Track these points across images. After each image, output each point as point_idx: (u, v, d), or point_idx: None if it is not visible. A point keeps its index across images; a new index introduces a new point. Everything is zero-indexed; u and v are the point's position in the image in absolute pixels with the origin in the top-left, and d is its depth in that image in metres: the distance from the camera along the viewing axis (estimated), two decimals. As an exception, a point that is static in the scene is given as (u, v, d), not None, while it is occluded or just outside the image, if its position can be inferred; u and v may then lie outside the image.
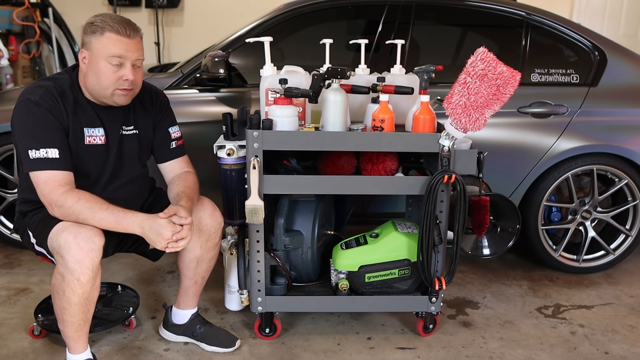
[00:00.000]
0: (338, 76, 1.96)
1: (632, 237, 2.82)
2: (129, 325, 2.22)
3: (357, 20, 2.99)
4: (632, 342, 2.25)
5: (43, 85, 1.75)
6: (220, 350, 2.09)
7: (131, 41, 1.73)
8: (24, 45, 5.02)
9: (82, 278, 1.65)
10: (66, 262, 1.64)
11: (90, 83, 1.76)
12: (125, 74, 1.73)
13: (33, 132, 1.69)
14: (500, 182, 2.63)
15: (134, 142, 1.93)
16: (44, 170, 1.68)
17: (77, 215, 1.67)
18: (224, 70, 2.50)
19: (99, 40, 1.71)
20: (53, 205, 1.69)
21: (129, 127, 1.91)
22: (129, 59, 1.74)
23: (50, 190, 1.68)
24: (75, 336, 1.78)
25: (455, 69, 1.91)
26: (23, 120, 1.71)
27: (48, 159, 1.68)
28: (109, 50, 1.71)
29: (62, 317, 1.74)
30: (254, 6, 4.64)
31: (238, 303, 2.27)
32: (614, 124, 2.71)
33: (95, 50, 1.72)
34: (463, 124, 1.84)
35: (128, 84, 1.75)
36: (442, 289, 2.08)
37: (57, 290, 1.69)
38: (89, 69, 1.75)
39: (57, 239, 1.66)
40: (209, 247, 1.98)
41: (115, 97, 1.77)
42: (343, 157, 2.11)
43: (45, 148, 1.68)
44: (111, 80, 1.73)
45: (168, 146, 2.01)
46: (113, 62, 1.72)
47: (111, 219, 1.68)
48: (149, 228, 1.68)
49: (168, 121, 2.02)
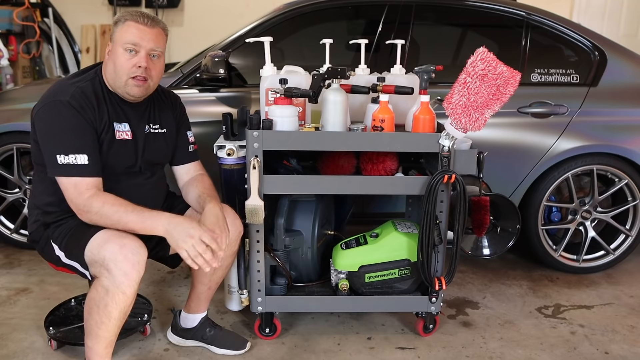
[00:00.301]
0: (338, 76, 1.96)
1: (632, 237, 2.82)
2: (143, 332, 2.19)
3: (357, 20, 2.99)
4: (632, 342, 2.25)
5: (72, 84, 1.73)
6: (231, 352, 2.07)
7: (149, 30, 1.73)
8: (24, 45, 5.03)
9: (127, 291, 1.62)
10: (113, 275, 1.59)
11: (109, 72, 1.77)
12: (138, 61, 1.73)
13: (62, 136, 1.66)
14: (500, 182, 2.63)
15: (161, 141, 1.92)
16: (72, 177, 1.66)
17: (104, 219, 1.65)
18: (224, 70, 2.50)
19: (120, 29, 1.74)
20: (81, 211, 1.67)
21: (156, 126, 1.90)
22: (144, 48, 1.73)
23: (77, 196, 1.66)
24: (104, 353, 1.71)
25: (455, 69, 1.91)
26: (52, 123, 1.67)
27: (77, 165, 1.65)
28: (126, 37, 1.72)
29: (97, 332, 1.67)
30: (254, 6, 4.64)
31: (238, 303, 2.27)
32: (614, 124, 2.71)
33: (115, 39, 1.74)
34: (463, 124, 1.84)
35: (141, 72, 1.73)
36: (442, 289, 2.08)
37: (97, 304, 1.63)
38: (110, 58, 1.76)
39: (100, 251, 1.62)
40: (227, 254, 1.95)
41: (128, 87, 1.75)
42: (343, 157, 2.11)
43: (75, 154, 1.65)
44: (125, 68, 1.73)
45: (186, 149, 2.01)
46: (128, 48, 1.72)
47: (137, 220, 1.64)
48: (174, 227, 1.62)
49: (187, 125, 2.03)
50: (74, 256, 1.73)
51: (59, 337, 2.06)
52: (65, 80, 1.78)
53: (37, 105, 1.73)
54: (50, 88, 1.75)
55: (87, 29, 5.39)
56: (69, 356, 2.04)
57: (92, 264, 1.66)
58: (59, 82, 1.78)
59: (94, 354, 1.71)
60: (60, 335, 2.06)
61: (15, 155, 2.81)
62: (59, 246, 1.77)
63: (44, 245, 1.83)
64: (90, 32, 5.39)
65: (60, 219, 1.79)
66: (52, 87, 1.76)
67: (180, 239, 1.61)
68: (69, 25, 5.31)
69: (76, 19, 5.35)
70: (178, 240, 1.61)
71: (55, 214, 1.79)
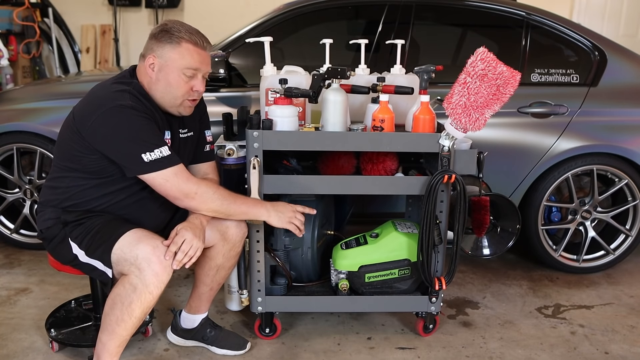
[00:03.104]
0: (338, 76, 1.96)
1: (632, 237, 2.82)
2: (145, 333, 2.19)
3: (357, 20, 2.99)
4: (632, 342, 2.25)
5: (124, 90, 1.71)
6: (231, 353, 2.08)
7: (206, 54, 1.75)
8: (24, 45, 5.03)
9: (155, 292, 1.64)
10: (144, 274, 1.61)
11: (160, 91, 1.75)
12: (196, 84, 1.75)
13: (140, 136, 1.67)
14: (500, 182, 2.63)
15: (190, 144, 1.94)
16: (167, 169, 1.69)
17: (221, 201, 1.79)
18: (224, 70, 2.50)
19: (175, 50, 1.71)
20: (190, 196, 1.73)
21: (184, 130, 1.91)
22: (202, 72, 1.75)
23: (185, 181, 1.72)
24: (115, 352, 1.72)
25: (455, 69, 1.91)
26: (122, 127, 1.66)
27: (166, 157, 1.68)
28: (186, 61, 1.71)
29: (114, 328, 1.67)
30: (254, 6, 4.65)
31: (238, 303, 2.27)
32: (614, 124, 2.71)
33: (169, 59, 1.72)
34: (463, 124, 1.84)
35: (197, 95, 1.78)
36: (442, 289, 2.08)
37: (122, 300, 1.64)
38: (160, 77, 1.74)
39: (132, 249, 1.64)
40: (231, 255, 1.97)
41: (182, 107, 1.78)
42: (343, 157, 2.11)
43: (158, 148, 1.68)
44: (183, 91, 1.74)
45: (203, 148, 2.02)
46: (188, 74, 1.72)
47: (247, 206, 1.86)
48: (274, 211, 1.89)
49: (207, 124, 2.04)
50: (97, 254, 1.72)
51: (60, 338, 2.06)
52: (109, 85, 1.74)
53: (91, 113, 1.67)
54: (96, 96, 1.72)
55: (87, 29, 5.39)
56: (69, 356, 2.05)
57: (119, 262, 1.67)
58: (103, 89, 1.74)
59: (105, 351, 1.71)
60: (62, 337, 2.06)
61: (15, 155, 2.81)
62: (78, 245, 1.76)
63: (58, 243, 1.81)
64: (90, 32, 5.40)
65: (81, 218, 1.78)
66: (98, 95, 1.72)
67: (285, 217, 1.92)
68: (69, 25, 5.31)
69: (76, 19, 5.35)
70: (283, 220, 1.92)
71: (76, 213, 1.78)
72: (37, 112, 2.75)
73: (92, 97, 1.74)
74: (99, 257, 1.72)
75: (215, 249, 1.94)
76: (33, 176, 2.86)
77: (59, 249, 1.82)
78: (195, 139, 1.97)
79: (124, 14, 5.44)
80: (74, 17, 5.34)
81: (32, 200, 2.87)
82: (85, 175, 1.76)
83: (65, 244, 1.78)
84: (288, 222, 1.91)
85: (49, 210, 1.82)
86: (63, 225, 1.79)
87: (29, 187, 2.88)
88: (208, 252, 1.95)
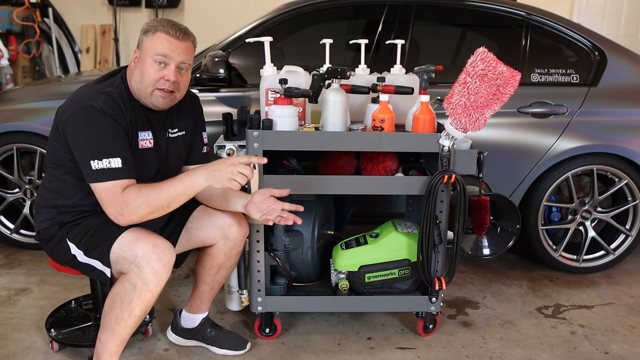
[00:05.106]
0: (338, 76, 1.96)
1: (632, 237, 2.82)
2: (145, 333, 2.19)
3: (357, 20, 2.99)
4: (632, 342, 2.25)
5: (101, 90, 1.71)
6: (231, 353, 2.07)
7: (179, 43, 1.73)
8: (24, 45, 5.03)
9: (155, 290, 1.64)
10: (144, 272, 1.61)
11: (135, 81, 1.75)
12: (168, 74, 1.73)
13: (95, 141, 1.65)
14: (500, 182, 2.63)
15: (180, 144, 1.92)
16: (107, 182, 1.64)
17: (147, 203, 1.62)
18: (224, 70, 2.50)
19: (150, 39, 1.72)
20: (118, 213, 1.64)
21: (174, 130, 1.90)
22: (174, 60, 1.73)
23: (112, 197, 1.63)
24: (115, 351, 1.72)
25: (455, 69, 1.91)
26: (84, 129, 1.65)
27: (111, 169, 1.63)
28: (156, 48, 1.71)
29: (114, 328, 1.68)
30: (254, 6, 4.64)
31: (238, 303, 2.27)
32: (614, 124, 2.71)
33: (144, 48, 1.73)
34: (463, 124, 1.84)
35: (168, 85, 1.74)
36: (442, 289, 2.08)
37: (122, 299, 1.64)
38: (137, 67, 1.75)
39: (131, 248, 1.63)
40: (232, 254, 1.97)
41: (153, 98, 1.75)
42: (343, 157, 2.11)
43: (108, 158, 1.63)
44: (152, 79, 1.72)
45: (200, 150, 2.01)
46: (157, 60, 1.72)
47: (178, 185, 1.65)
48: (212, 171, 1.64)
49: (203, 125, 2.03)
50: (95, 254, 1.72)
51: (60, 339, 2.05)
52: (91, 85, 1.76)
53: (66, 110, 1.69)
54: (77, 93, 1.74)
55: (87, 29, 5.39)
56: (69, 356, 2.05)
57: (118, 261, 1.67)
58: (85, 87, 1.76)
59: (105, 350, 1.72)
60: (62, 337, 2.06)
61: (15, 155, 2.81)
62: (76, 245, 1.76)
63: (56, 244, 1.81)
64: (90, 32, 5.40)
65: (77, 219, 1.78)
66: (79, 92, 1.74)
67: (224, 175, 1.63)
68: (69, 25, 5.31)
69: (76, 19, 5.36)
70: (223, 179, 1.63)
71: (71, 214, 1.78)
72: (37, 112, 2.75)
73: (73, 94, 1.75)
74: (98, 257, 1.71)
75: (216, 248, 1.94)
76: (33, 176, 2.86)
77: (57, 250, 1.82)
78: (188, 138, 1.95)
79: (124, 14, 5.44)
80: (74, 17, 5.34)
81: (32, 200, 2.87)
82: (68, 174, 1.76)
83: (63, 244, 1.79)
84: (228, 180, 1.63)
85: (45, 211, 1.83)
86: (60, 226, 1.79)
87: (29, 187, 2.88)
88: (209, 250, 1.95)
